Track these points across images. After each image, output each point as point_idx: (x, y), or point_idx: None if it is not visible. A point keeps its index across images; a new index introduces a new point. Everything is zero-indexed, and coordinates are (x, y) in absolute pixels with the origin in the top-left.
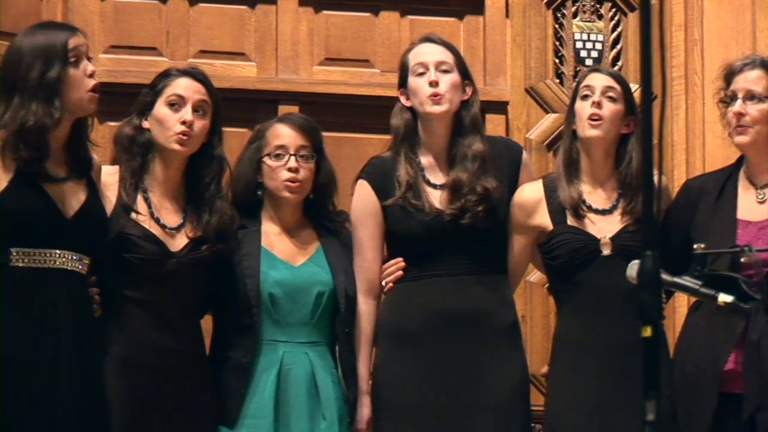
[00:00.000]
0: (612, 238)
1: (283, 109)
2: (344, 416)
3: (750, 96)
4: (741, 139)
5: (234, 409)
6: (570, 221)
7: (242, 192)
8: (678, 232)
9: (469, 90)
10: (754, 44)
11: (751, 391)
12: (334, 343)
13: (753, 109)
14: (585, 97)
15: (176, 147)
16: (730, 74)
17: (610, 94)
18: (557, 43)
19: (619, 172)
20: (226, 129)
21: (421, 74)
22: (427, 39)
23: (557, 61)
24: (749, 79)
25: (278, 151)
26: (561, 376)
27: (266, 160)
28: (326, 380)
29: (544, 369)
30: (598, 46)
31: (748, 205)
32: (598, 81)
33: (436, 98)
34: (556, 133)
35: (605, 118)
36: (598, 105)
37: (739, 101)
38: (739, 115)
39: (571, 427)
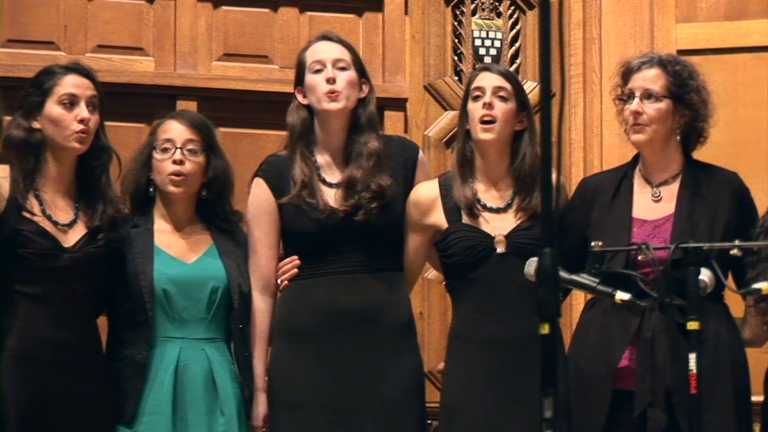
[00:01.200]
0: (506, 236)
1: (181, 105)
2: (243, 412)
3: (647, 95)
4: (638, 137)
5: (131, 407)
6: (465, 220)
7: (133, 188)
8: (575, 230)
9: (365, 88)
10: (652, 43)
11: (642, 388)
12: (230, 340)
13: (650, 108)
14: (476, 98)
15: (76, 145)
16: (627, 72)
17: (501, 93)
18: (456, 41)
19: (513, 169)
20: (123, 124)
21: (318, 71)
22: (324, 37)
23: (456, 58)
24: (647, 78)
25: (165, 145)
26: (456, 371)
27: (155, 154)
28: (224, 376)
29: (440, 365)
30: (497, 43)
31: (644, 204)
32: (488, 81)
33: (333, 95)
34: (454, 131)
35: (498, 118)
36: (490, 106)
37: (637, 100)
38: (636, 113)
39: (466, 422)
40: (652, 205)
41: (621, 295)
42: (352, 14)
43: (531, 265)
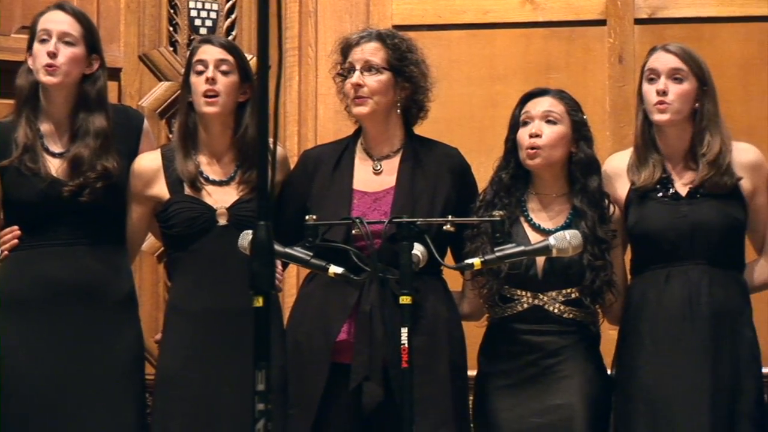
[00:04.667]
0: (228, 209)
1: None
2: None
3: (368, 67)
4: (360, 109)
5: None
6: (187, 191)
7: None
8: (295, 202)
9: (95, 64)
10: (368, 18)
11: (359, 362)
12: None
13: (371, 80)
14: (200, 73)
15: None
16: (346, 47)
17: (224, 67)
18: (171, 11)
19: (238, 140)
20: None
21: (44, 41)
22: (59, 6)
23: (171, 28)
24: (367, 51)
25: None
26: (172, 343)
27: None
28: None
29: (158, 336)
30: (213, 15)
31: (365, 177)
32: (211, 54)
33: (50, 69)
34: (169, 101)
35: (221, 92)
36: (213, 80)
37: (357, 72)
38: (357, 86)
39: (179, 394)
40: (373, 177)
41: (334, 269)
42: None
43: (245, 238)
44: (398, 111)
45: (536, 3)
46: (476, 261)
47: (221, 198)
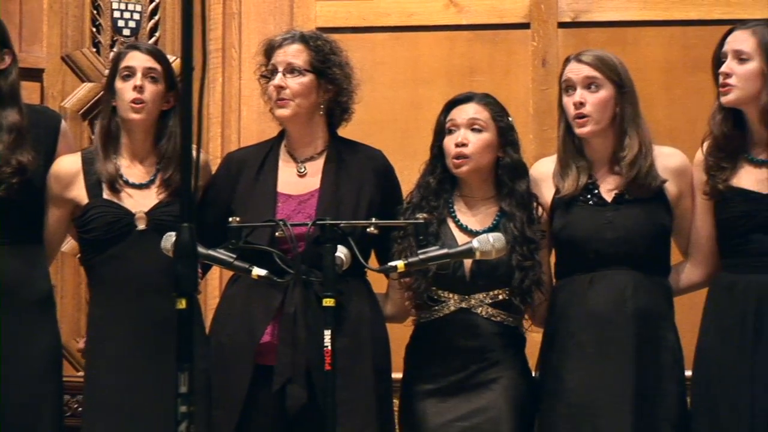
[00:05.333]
0: (147, 213)
1: None
2: None
3: (290, 69)
4: (282, 112)
5: None
6: (106, 195)
7: None
8: (218, 204)
9: (7, 59)
10: (292, 20)
11: (282, 363)
12: None
13: (294, 82)
14: (126, 78)
15: None
16: (270, 49)
17: (151, 75)
18: (95, 12)
19: (159, 147)
20: None
21: None
22: None
23: (94, 29)
24: (289, 53)
25: None
26: (98, 348)
27: None
28: None
29: (80, 344)
30: (136, 16)
31: (289, 179)
32: (139, 61)
33: None
34: (91, 102)
35: (147, 100)
36: (141, 89)
37: (280, 74)
38: (280, 88)
39: (107, 398)
40: (297, 180)
41: (257, 271)
42: None
43: (168, 240)
44: (321, 113)
45: (460, 6)
46: (400, 263)
47: (140, 201)
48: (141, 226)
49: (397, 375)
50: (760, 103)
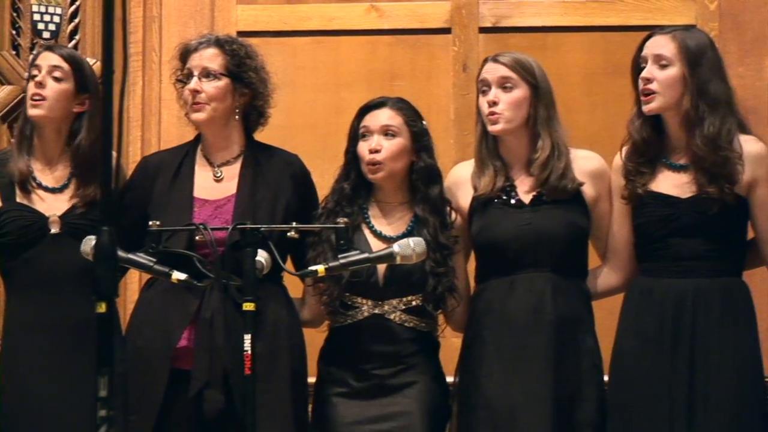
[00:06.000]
0: (61, 216)
1: None
2: None
3: (206, 73)
4: (197, 116)
5: None
6: (19, 198)
7: None
8: (135, 208)
9: None
10: (212, 24)
11: (199, 368)
12: None
13: (209, 87)
14: (34, 77)
15: None
16: (185, 53)
17: (56, 74)
18: (15, 14)
19: (71, 149)
20: None
21: None
22: None
23: (14, 32)
24: (204, 57)
25: None
26: (14, 355)
27: None
28: None
29: None
30: (56, 19)
31: (205, 184)
32: (47, 60)
33: None
34: (11, 105)
35: (48, 97)
36: (40, 84)
37: (195, 78)
38: (195, 92)
39: (24, 402)
40: (214, 185)
41: (177, 275)
42: None
43: (88, 243)
44: (237, 117)
45: (381, 10)
46: (320, 268)
47: (53, 205)
48: (54, 229)
49: (312, 379)
50: (682, 109)
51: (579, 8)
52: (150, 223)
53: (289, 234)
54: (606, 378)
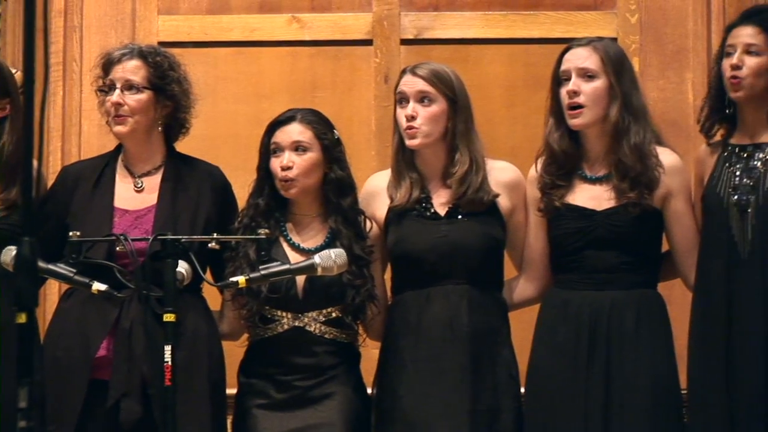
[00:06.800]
0: None
1: None
2: None
3: (129, 86)
4: (120, 129)
5: None
6: None
7: None
8: (55, 218)
9: None
10: (134, 34)
11: (117, 378)
12: None
13: (132, 99)
14: None
15: None
16: (108, 63)
17: None
18: None
19: None
20: None
21: None
22: None
23: None
24: (128, 69)
25: None
26: None
27: None
28: None
29: None
30: None
31: (126, 194)
32: None
33: None
34: None
35: None
36: None
37: (118, 91)
38: (118, 105)
39: None
40: (135, 195)
41: (98, 286)
42: None
43: (8, 254)
44: (160, 129)
45: (303, 22)
46: (241, 279)
47: None
48: None
49: (231, 391)
50: (611, 119)
51: (500, 20)
52: (70, 233)
53: (209, 245)
54: (522, 389)
